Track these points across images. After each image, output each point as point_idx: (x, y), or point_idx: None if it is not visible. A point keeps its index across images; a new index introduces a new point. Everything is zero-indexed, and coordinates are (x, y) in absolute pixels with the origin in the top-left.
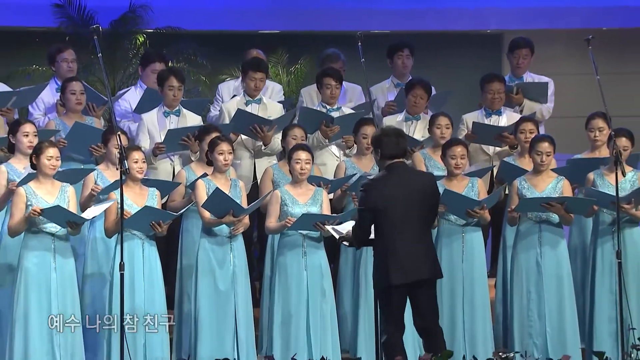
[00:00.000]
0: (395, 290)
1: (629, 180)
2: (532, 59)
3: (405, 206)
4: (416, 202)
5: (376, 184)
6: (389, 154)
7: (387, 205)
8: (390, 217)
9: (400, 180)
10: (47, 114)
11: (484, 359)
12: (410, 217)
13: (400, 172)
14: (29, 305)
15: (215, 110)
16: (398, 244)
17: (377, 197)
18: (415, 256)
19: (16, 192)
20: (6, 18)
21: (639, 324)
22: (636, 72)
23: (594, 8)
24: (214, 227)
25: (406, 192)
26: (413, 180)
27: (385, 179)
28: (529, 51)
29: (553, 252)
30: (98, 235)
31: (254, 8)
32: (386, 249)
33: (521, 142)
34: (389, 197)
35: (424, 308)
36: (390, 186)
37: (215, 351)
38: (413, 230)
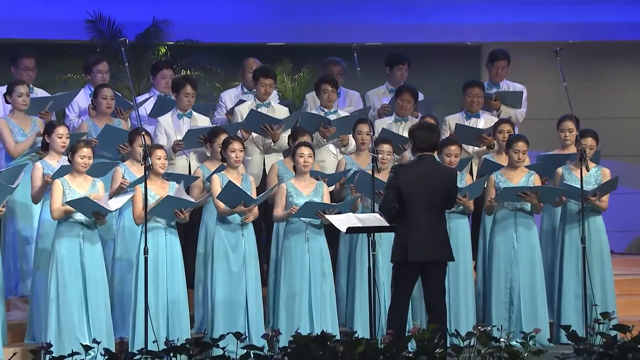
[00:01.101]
0: (409, 266)
1: (592, 175)
2: (509, 69)
3: (427, 194)
4: (437, 192)
5: (405, 169)
6: (420, 146)
7: (409, 192)
8: (413, 202)
9: (426, 170)
10: (80, 116)
11: (465, 332)
12: (430, 205)
13: (427, 164)
14: (62, 286)
15: (220, 115)
16: (418, 226)
17: (404, 181)
18: (431, 239)
19: (54, 183)
20: (45, 32)
21: (601, 301)
22: (600, 79)
23: (562, 23)
24: (227, 216)
25: (430, 182)
26: (437, 172)
27: (414, 166)
28: (506, 62)
29: (526, 237)
30: (126, 224)
31: (262, 23)
32: (407, 229)
33: (499, 142)
34: (414, 183)
35: (432, 285)
36: (417, 174)
37: (228, 325)
38: (431, 216)
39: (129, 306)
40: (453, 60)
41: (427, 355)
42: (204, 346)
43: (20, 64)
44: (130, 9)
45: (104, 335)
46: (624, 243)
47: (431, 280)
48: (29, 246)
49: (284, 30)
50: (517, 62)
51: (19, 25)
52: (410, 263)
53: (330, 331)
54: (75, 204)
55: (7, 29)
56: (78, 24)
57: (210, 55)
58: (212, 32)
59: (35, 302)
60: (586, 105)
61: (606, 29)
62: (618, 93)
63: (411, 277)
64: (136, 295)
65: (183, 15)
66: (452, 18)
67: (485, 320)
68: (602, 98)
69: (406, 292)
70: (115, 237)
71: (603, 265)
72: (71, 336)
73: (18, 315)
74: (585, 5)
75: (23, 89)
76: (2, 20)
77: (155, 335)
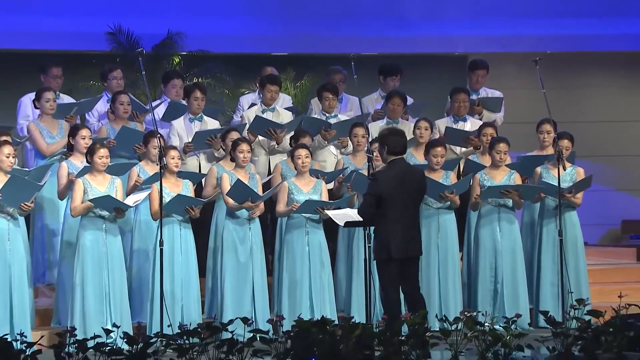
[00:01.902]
0: (393, 262)
1: (568, 174)
2: (488, 77)
3: (404, 195)
4: (412, 192)
5: (383, 175)
6: (394, 150)
7: (390, 194)
8: (392, 204)
9: (401, 173)
10: (99, 120)
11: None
12: (407, 205)
13: (400, 167)
14: (85, 274)
15: (237, 117)
16: (398, 226)
17: (383, 186)
18: (410, 237)
19: (76, 182)
20: (70, 43)
21: (576, 289)
22: (575, 87)
23: (540, 35)
24: (236, 211)
25: (405, 183)
26: (410, 174)
27: (390, 171)
28: (485, 72)
29: (508, 231)
30: (142, 218)
31: (268, 34)
32: (388, 229)
33: (483, 144)
34: (392, 187)
35: (411, 278)
36: (394, 177)
37: (236, 311)
38: (408, 215)
39: (146, 293)
40: (441, 68)
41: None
42: (214, 330)
43: (49, 72)
44: (146, 22)
45: (123, 320)
46: (596, 235)
47: (410, 273)
48: (56, 238)
49: (288, 42)
50: (500, 71)
51: (47, 37)
52: (393, 259)
53: (329, 317)
54: (98, 201)
55: (36, 41)
56: (99, 36)
57: (220, 64)
58: (222, 43)
59: (61, 290)
60: (563, 110)
61: (581, 40)
62: (592, 99)
63: (395, 271)
64: (153, 283)
65: (195, 28)
66: (440, 31)
67: (471, 306)
68: (577, 104)
69: (394, 284)
70: (132, 229)
71: (577, 256)
72: (93, 321)
73: (45, 302)
74: (562, 19)
75: (50, 95)
76: (32, 32)
77: (170, 320)
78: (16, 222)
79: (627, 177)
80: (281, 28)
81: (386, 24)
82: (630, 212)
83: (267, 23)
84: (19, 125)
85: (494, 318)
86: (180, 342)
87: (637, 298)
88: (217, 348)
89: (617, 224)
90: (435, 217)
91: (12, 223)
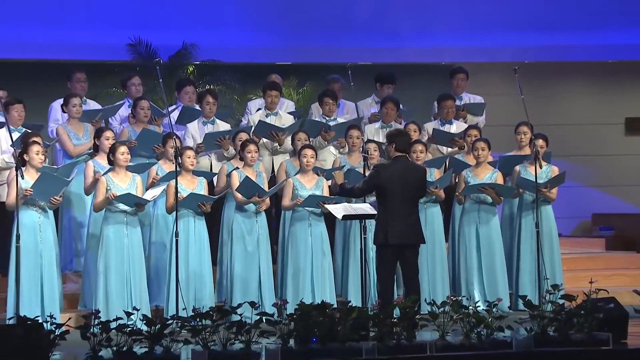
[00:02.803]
0: (390, 248)
1: (544, 171)
2: (467, 82)
3: (403, 188)
4: (412, 186)
5: (385, 168)
6: (400, 148)
7: (389, 185)
8: (391, 194)
9: (403, 168)
10: (121, 123)
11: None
12: (405, 197)
13: (403, 163)
14: (109, 263)
15: (244, 120)
16: (396, 215)
17: (384, 177)
18: (407, 225)
19: (100, 180)
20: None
21: (551, 275)
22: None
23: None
24: (244, 205)
25: (405, 178)
26: (411, 170)
27: (393, 165)
28: (465, 76)
29: (488, 223)
30: (159, 212)
31: (273, 46)
32: (387, 217)
33: (468, 144)
34: (392, 179)
35: (409, 263)
36: (396, 171)
37: (245, 295)
38: (406, 206)
39: (163, 279)
40: (429, 77)
41: (408, 321)
42: (224, 313)
43: (73, 77)
44: (163, 34)
45: (143, 303)
46: (569, 227)
47: (408, 259)
48: (82, 230)
49: (291, 52)
50: (483, 79)
51: (74, 48)
52: (391, 245)
53: (329, 301)
54: (121, 198)
55: (64, 52)
56: (121, 47)
57: (229, 72)
58: (231, 54)
59: (86, 276)
60: (540, 114)
61: (556, 51)
62: (566, 104)
63: (392, 257)
64: (170, 270)
65: (207, 40)
66: (428, 42)
67: (456, 291)
68: (553, 108)
69: (389, 269)
70: (151, 223)
71: (552, 246)
72: (116, 304)
73: (72, 287)
74: (539, 32)
75: (76, 101)
76: (60, 44)
77: (185, 304)
78: (46, 215)
79: (597, 174)
80: (285, 40)
81: (379, 36)
82: (599, 206)
83: (272, 35)
84: (49, 128)
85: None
86: (193, 324)
87: (605, 284)
88: (227, 329)
89: (587, 216)
90: (422, 210)
91: (42, 215)
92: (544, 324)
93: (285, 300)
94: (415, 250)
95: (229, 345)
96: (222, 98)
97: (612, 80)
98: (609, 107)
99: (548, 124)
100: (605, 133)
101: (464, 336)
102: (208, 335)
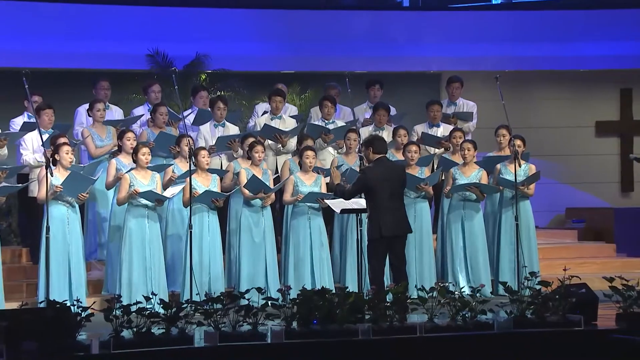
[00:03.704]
0: (382, 240)
1: (523, 170)
2: (462, 89)
3: (389, 184)
4: (396, 182)
5: (371, 170)
6: (379, 150)
7: (377, 185)
8: (379, 192)
9: (386, 167)
10: (141, 126)
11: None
12: (393, 192)
13: (385, 163)
14: (131, 252)
15: (252, 122)
16: (386, 210)
17: (370, 178)
18: (397, 218)
19: (123, 177)
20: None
21: (529, 263)
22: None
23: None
24: (251, 200)
25: (390, 176)
26: (392, 169)
27: (376, 167)
28: (460, 84)
29: (472, 218)
30: (175, 207)
31: (277, 55)
32: (379, 213)
33: (454, 145)
34: (379, 179)
35: (397, 253)
36: (380, 171)
37: (252, 282)
38: (393, 200)
39: (179, 267)
40: (419, 84)
41: (400, 305)
42: (233, 298)
43: (98, 85)
44: (179, 46)
45: (160, 289)
46: (545, 220)
47: (396, 249)
48: (105, 223)
49: (293, 62)
50: (467, 86)
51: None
52: (383, 238)
53: (328, 287)
54: (143, 194)
55: (90, 61)
56: (141, 58)
57: (238, 80)
58: (240, 63)
59: (109, 264)
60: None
61: (533, 61)
62: (542, 109)
63: (384, 248)
64: (185, 259)
65: (218, 51)
66: (418, 52)
67: (444, 278)
68: (530, 112)
69: (381, 260)
70: (167, 216)
71: (530, 237)
72: (136, 290)
73: (96, 274)
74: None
75: (100, 106)
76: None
77: (198, 289)
78: (74, 209)
79: (570, 172)
80: (288, 51)
81: (373, 47)
82: (572, 200)
83: (276, 47)
84: (75, 130)
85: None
86: (206, 308)
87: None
88: (236, 312)
89: (561, 210)
90: (412, 205)
91: (70, 210)
92: (523, 308)
93: (288, 286)
94: (403, 241)
95: (237, 327)
96: (232, 103)
97: (583, 87)
98: (580, 111)
99: (526, 126)
100: (578, 135)
101: (450, 318)
102: (219, 317)
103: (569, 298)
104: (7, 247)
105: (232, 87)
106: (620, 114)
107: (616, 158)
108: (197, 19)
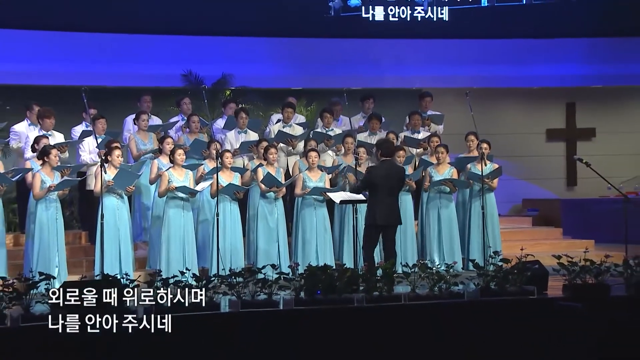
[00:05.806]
0: (377, 227)
1: (488, 168)
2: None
3: (388, 183)
4: (394, 182)
5: (376, 169)
6: (386, 153)
7: (378, 181)
8: (380, 188)
9: (387, 169)
10: (176, 132)
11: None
12: (391, 190)
13: (388, 165)
14: (170, 235)
15: (268, 129)
16: (383, 202)
17: (374, 176)
18: (390, 211)
19: (163, 174)
20: (157, 82)
21: (493, 244)
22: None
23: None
24: (266, 194)
25: (390, 176)
26: (394, 169)
27: (381, 167)
28: (430, 99)
29: (447, 207)
30: (204, 198)
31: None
32: (376, 204)
33: (431, 148)
34: (381, 177)
35: (389, 238)
36: (383, 171)
37: (267, 260)
38: (390, 196)
39: (208, 247)
40: (404, 98)
41: (388, 278)
42: (252, 272)
43: (142, 99)
44: (208, 67)
45: (193, 265)
46: (506, 209)
47: (388, 235)
48: (148, 211)
49: (302, 80)
50: (442, 100)
51: (142, 77)
52: (377, 225)
53: (329, 264)
54: (179, 188)
55: (135, 80)
56: (177, 77)
57: (256, 95)
58: (258, 81)
59: (151, 245)
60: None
61: (497, 79)
62: (503, 118)
63: (376, 234)
64: (212, 241)
65: (240, 71)
66: (402, 72)
67: (424, 256)
68: (493, 121)
69: (373, 243)
70: (199, 206)
71: (494, 223)
72: (173, 266)
73: (141, 253)
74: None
75: (144, 116)
76: (131, 74)
77: (223, 265)
78: (123, 200)
79: (526, 170)
80: (297, 71)
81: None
82: (527, 193)
83: (287, 67)
84: (123, 135)
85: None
86: (230, 280)
87: (532, 250)
88: (255, 284)
89: (519, 201)
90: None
91: (120, 200)
92: (487, 280)
93: (297, 264)
94: (394, 229)
95: (255, 296)
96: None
97: (536, 101)
98: (534, 120)
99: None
100: (532, 140)
101: (429, 289)
102: (240, 288)
103: (525, 272)
104: (69, 231)
105: (251, 101)
106: (566, 123)
107: (563, 159)
108: (223, 45)
